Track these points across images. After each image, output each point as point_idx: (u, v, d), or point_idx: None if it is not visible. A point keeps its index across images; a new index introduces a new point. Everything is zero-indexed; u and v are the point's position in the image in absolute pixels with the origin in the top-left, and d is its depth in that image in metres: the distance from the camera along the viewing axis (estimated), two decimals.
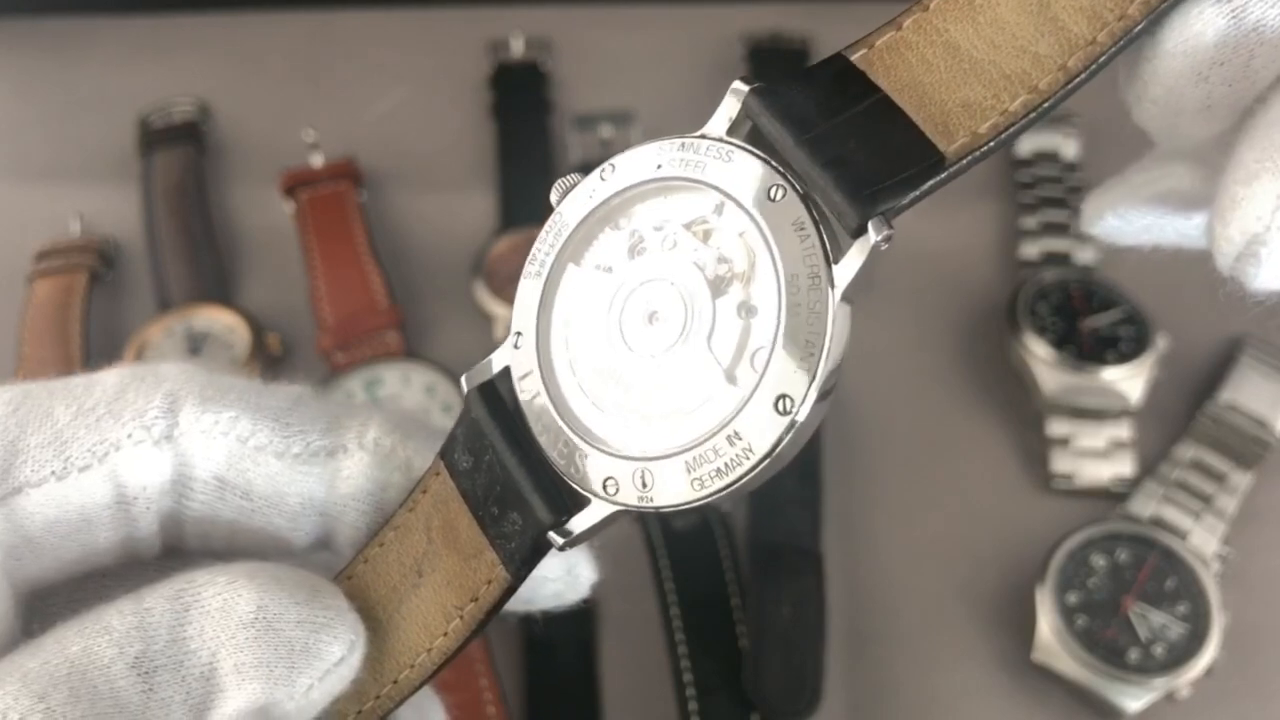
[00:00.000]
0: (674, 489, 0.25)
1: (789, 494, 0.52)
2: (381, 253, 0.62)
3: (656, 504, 0.25)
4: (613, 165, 0.27)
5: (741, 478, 0.24)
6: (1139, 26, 0.24)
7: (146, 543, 0.28)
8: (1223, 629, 0.48)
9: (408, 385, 0.57)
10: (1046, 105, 0.24)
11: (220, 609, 0.25)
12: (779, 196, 0.24)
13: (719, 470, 0.24)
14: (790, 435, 0.24)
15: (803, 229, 0.24)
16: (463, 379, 0.28)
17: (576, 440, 0.26)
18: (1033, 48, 0.24)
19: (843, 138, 0.24)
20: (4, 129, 0.70)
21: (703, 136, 0.26)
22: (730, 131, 0.26)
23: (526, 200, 0.65)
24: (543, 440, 0.27)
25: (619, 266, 0.27)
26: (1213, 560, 0.50)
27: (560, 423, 0.26)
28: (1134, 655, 0.48)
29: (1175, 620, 0.49)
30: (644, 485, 0.25)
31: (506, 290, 0.61)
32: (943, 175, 0.24)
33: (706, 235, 0.26)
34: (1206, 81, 0.26)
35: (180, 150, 0.67)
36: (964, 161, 0.24)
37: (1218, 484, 0.52)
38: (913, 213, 0.24)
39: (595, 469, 0.26)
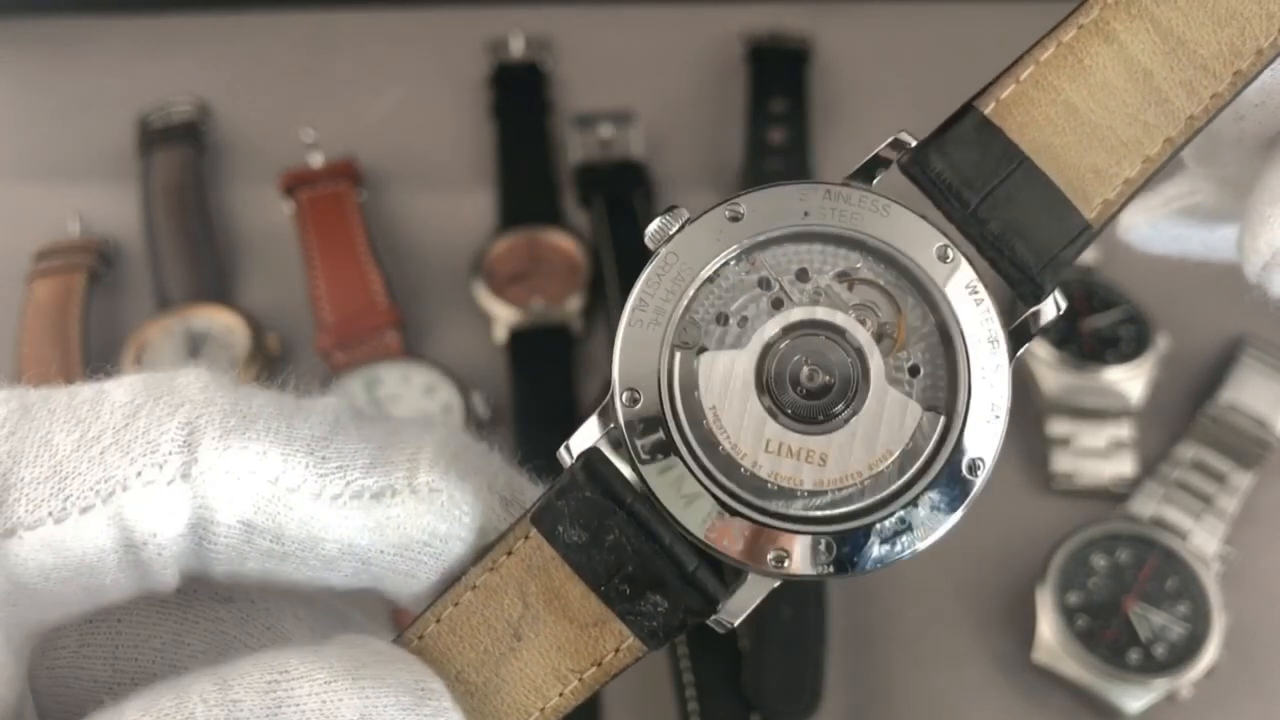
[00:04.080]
0: (859, 556, 0.24)
1: None
2: (381, 253, 0.62)
3: (837, 573, 0.24)
4: (739, 207, 0.24)
5: (929, 540, 0.24)
6: (1226, 104, 0.25)
7: (162, 583, 0.25)
8: (1223, 629, 0.48)
9: (407, 385, 0.57)
10: (1154, 173, 0.25)
11: (317, 711, 0.22)
12: (950, 258, 0.24)
13: (907, 535, 0.24)
14: (976, 494, 0.24)
15: (976, 293, 0.24)
16: (564, 449, 0.25)
17: (732, 505, 0.24)
18: (1141, 116, 0.25)
19: (1008, 204, 0.25)
20: (4, 129, 0.70)
21: (848, 185, 0.25)
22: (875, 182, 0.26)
23: (526, 200, 0.65)
24: (682, 513, 0.24)
25: (757, 320, 0.25)
26: (1213, 560, 0.50)
27: (709, 491, 0.24)
28: (1135, 656, 0.48)
29: (1176, 620, 0.49)
30: (827, 552, 0.24)
31: (506, 290, 0.61)
32: (1087, 243, 0.25)
33: (853, 287, 0.25)
34: (1243, 120, 0.29)
35: (179, 150, 0.67)
36: (1101, 227, 0.25)
37: (1218, 484, 0.52)
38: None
39: (758, 541, 0.24)
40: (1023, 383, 0.57)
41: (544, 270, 0.62)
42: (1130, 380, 0.55)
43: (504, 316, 0.60)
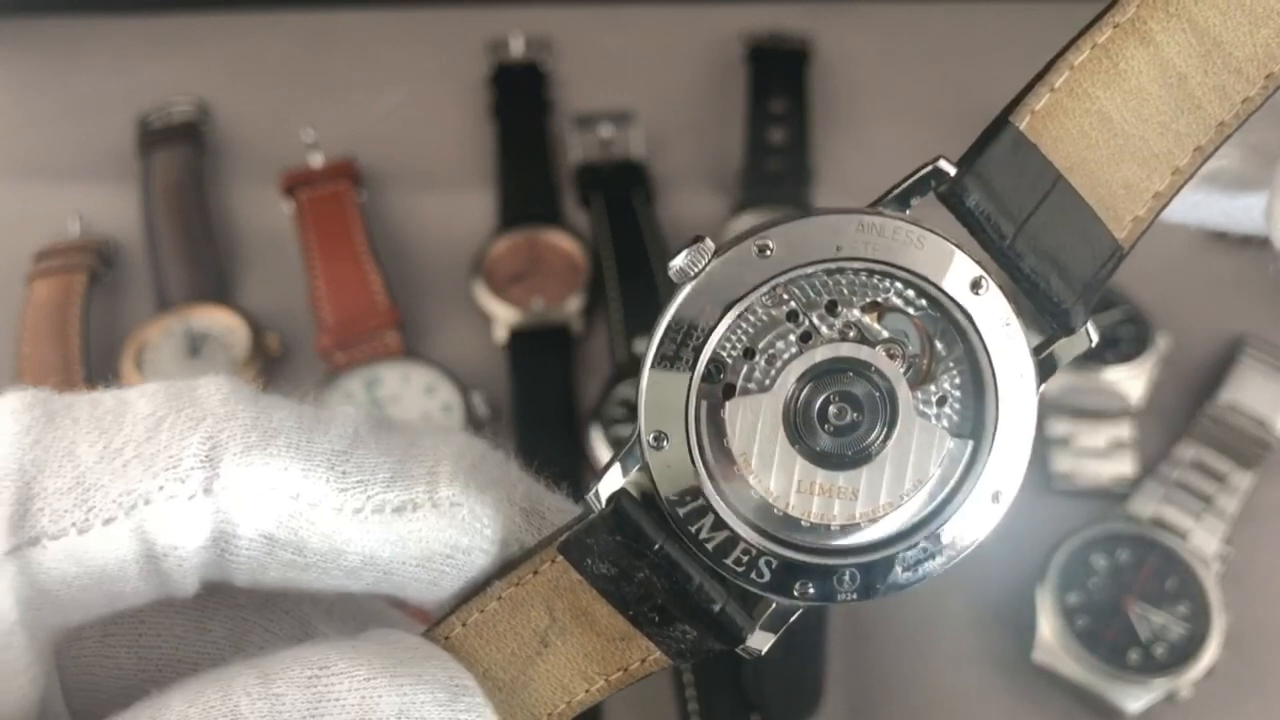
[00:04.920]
0: (882, 583, 0.25)
1: None
2: (381, 253, 0.62)
3: (860, 599, 0.25)
4: (769, 241, 0.24)
5: (949, 564, 0.25)
6: (1256, 108, 0.25)
7: (182, 590, 0.25)
8: (1223, 629, 0.48)
9: (407, 385, 0.57)
10: (1182, 185, 0.25)
11: (357, 706, 0.22)
12: (984, 288, 0.24)
13: (929, 563, 0.25)
14: (999, 524, 0.25)
15: (1008, 324, 0.24)
16: (592, 494, 0.25)
17: (762, 545, 0.24)
18: (1174, 125, 0.24)
19: (1043, 233, 0.24)
20: (4, 129, 0.70)
21: (881, 214, 0.24)
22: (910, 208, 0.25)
23: (526, 200, 0.65)
24: (713, 545, 0.24)
25: (785, 357, 0.24)
26: (1213, 560, 0.50)
27: (739, 533, 0.24)
28: (1135, 655, 0.48)
29: (1176, 620, 0.49)
30: (851, 581, 0.25)
31: (506, 290, 0.61)
32: (1120, 263, 0.25)
33: (883, 317, 0.24)
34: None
35: (179, 150, 0.67)
36: (1131, 246, 0.25)
37: (1218, 484, 0.52)
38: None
39: (785, 573, 0.25)
40: None
41: (544, 270, 0.62)
42: (1130, 380, 0.55)
43: (504, 316, 0.60)
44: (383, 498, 0.25)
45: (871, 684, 0.50)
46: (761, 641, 0.25)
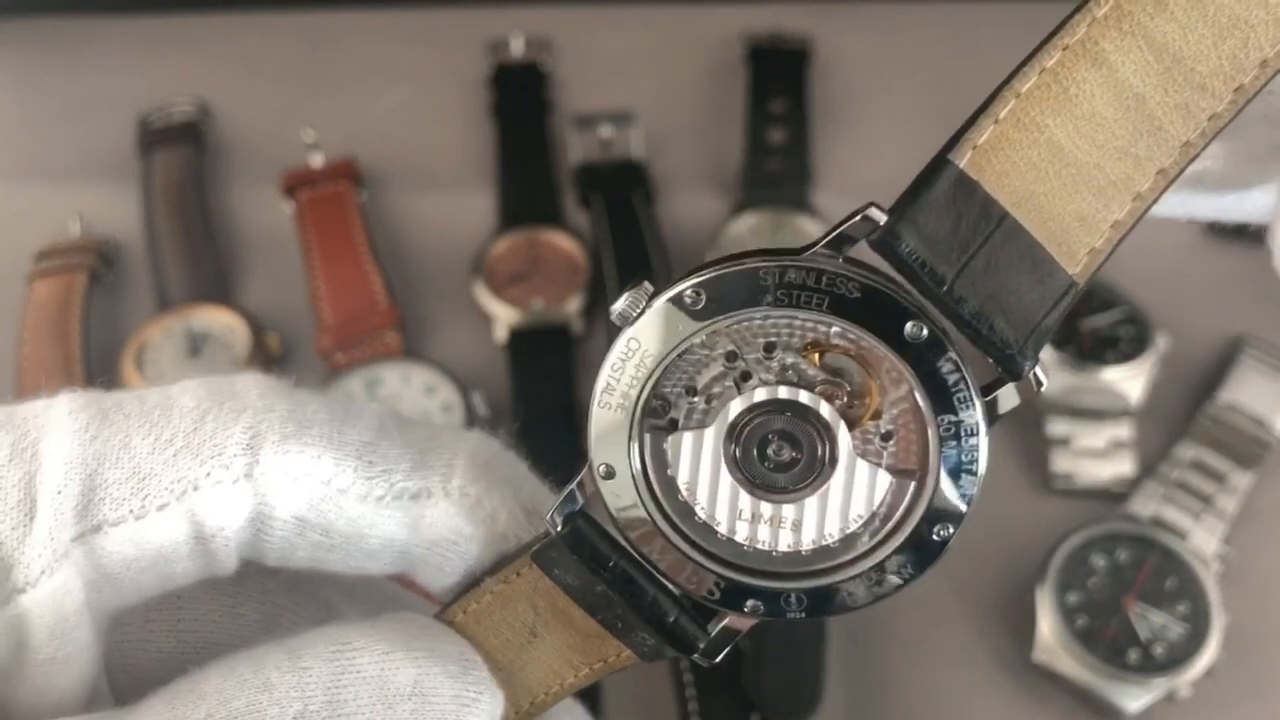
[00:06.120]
0: (829, 606, 0.25)
1: None
2: (381, 253, 0.62)
3: (809, 617, 0.26)
4: (698, 292, 0.24)
5: (895, 592, 0.25)
6: (1225, 124, 0.23)
7: (224, 569, 0.27)
8: (1223, 629, 0.48)
9: (407, 385, 0.57)
10: (1144, 210, 0.23)
11: (377, 677, 0.25)
12: (921, 335, 0.23)
13: (874, 588, 0.25)
14: (943, 556, 0.25)
15: (951, 368, 0.24)
16: (549, 516, 0.26)
17: (709, 567, 0.26)
18: (1133, 149, 0.23)
19: (986, 275, 0.23)
20: (4, 129, 0.70)
21: (813, 260, 0.24)
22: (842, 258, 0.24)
23: (526, 200, 0.65)
24: (664, 565, 0.26)
25: (724, 398, 0.25)
26: (1213, 560, 0.50)
27: (688, 554, 0.26)
28: (1134, 655, 0.48)
29: (1175, 620, 0.49)
30: (798, 603, 0.25)
31: (506, 290, 0.61)
32: (1073, 299, 0.24)
33: (821, 360, 0.24)
34: (1272, 95, 0.26)
35: (180, 150, 0.67)
36: (1088, 280, 0.24)
37: (1218, 484, 0.52)
38: None
39: (734, 592, 0.26)
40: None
41: (544, 270, 0.62)
42: (1130, 380, 0.55)
43: (504, 316, 0.60)
44: (403, 485, 0.27)
45: (871, 684, 0.50)
46: (713, 652, 0.27)
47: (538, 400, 0.58)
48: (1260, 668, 0.50)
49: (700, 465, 0.25)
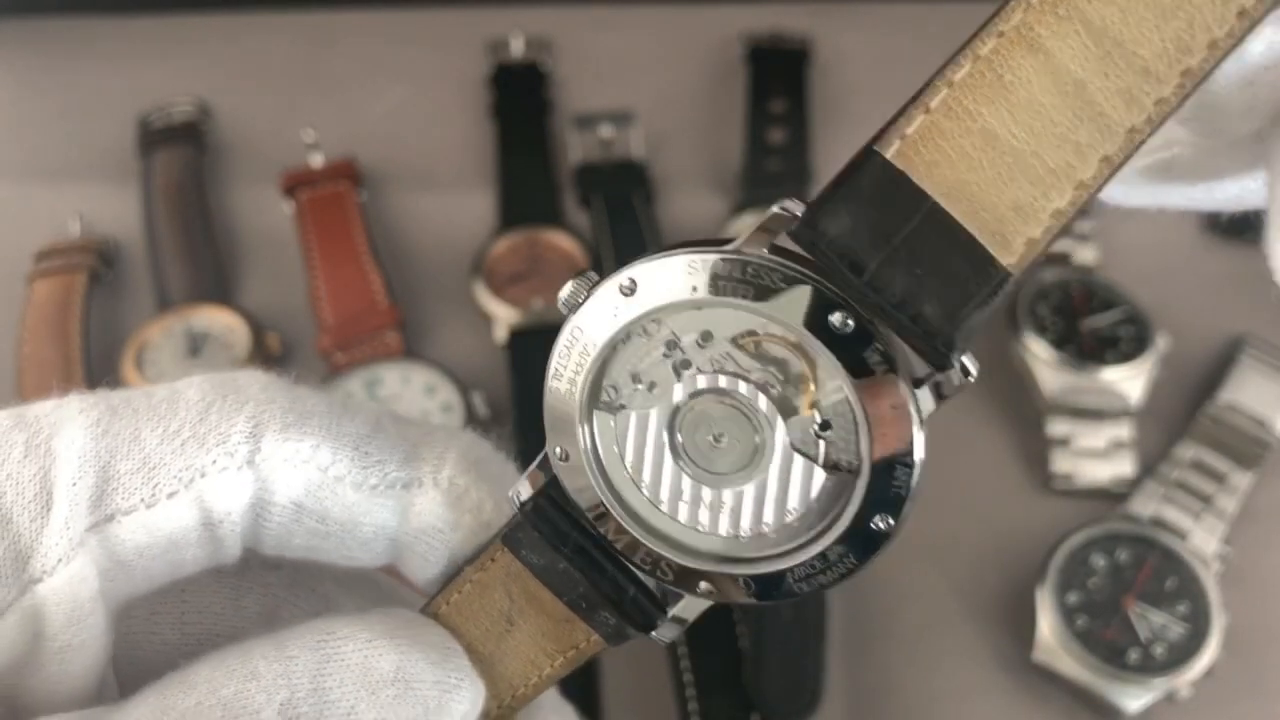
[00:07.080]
0: (777, 592, 0.26)
1: None
2: (381, 253, 0.62)
3: (761, 601, 0.26)
4: (633, 281, 0.24)
5: (835, 584, 0.25)
6: (1174, 109, 0.22)
7: (230, 556, 0.28)
8: (1223, 629, 0.48)
9: (407, 385, 0.57)
10: (1088, 198, 0.23)
11: (360, 665, 0.25)
12: (848, 327, 0.23)
13: (820, 577, 0.25)
14: (886, 546, 0.25)
15: (879, 358, 0.23)
16: (513, 493, 0.28)
17: (657, 549, 0.26)
18: (1073, 136, 0.22)
19: (909, 264, 0.23)
20: (4, 129, 0.70)
21: (739, 253, 0.23)
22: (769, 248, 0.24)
23: (526, 200, 0.65)
24: (620, 545, 0.27)
25: (664, 384, 0.25)
26: (1213, 560, 0.50)
27: (639, 536, 0.26)
28: (1134, 655, 0.48)
29: (1175, 620, 0.49)
30: (747, 586, 0.26)
31: (506, 290, 0.61)
32: (1008, 289, 0.23)
33: (758, 349, 0.24)
34: (1253, 85, 0.26)
35: (180, 150, 0.67)
36: (1027, 270, 0.23)
37: (1218, 484, 0.52)
38: None
39: (686, 573, 0.26)
40: (1022, 383, 0.57)
41: (544, 270, 0.62)
42: (1130, 380, 0.55)
43: (504, 316, 0.60)
44: (395, 475, 0.28)
45: (871, 684, 0.50)
46: (670, 632, 0.28)
47: (538, 400, 0.58)
48: (1260, 668, 0.50)
49: (644, 448, 0.26)
